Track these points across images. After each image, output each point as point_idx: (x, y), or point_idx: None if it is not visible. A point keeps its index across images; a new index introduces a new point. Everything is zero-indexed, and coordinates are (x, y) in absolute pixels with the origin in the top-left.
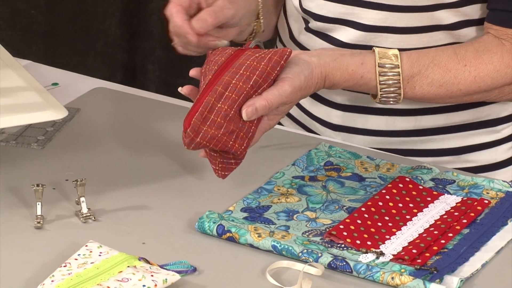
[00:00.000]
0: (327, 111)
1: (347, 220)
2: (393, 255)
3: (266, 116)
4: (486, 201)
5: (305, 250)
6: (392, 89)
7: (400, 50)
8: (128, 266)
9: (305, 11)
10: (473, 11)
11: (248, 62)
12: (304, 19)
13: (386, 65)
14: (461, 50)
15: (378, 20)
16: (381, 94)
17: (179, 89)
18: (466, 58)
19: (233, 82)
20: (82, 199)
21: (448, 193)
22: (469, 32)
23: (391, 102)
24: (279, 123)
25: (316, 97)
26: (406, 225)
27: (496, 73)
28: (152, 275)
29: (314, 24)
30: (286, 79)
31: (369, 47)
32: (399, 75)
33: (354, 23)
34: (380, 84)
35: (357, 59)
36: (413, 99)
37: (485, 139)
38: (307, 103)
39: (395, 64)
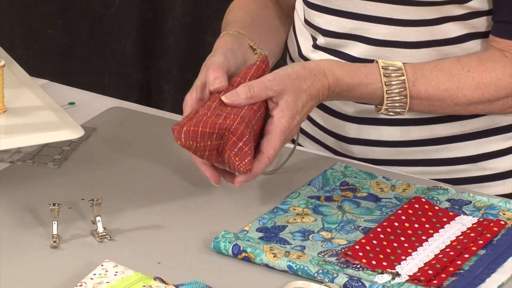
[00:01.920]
0: (341, 124)
1: (363, 241)
2: (409, 275)
3: (276, 116)
4: (503, 222)
5: (321, 271)
6: (397, 90)
7: (411, 63)
8: (144, 286)
9: (313, 26)
10: (481, 24)
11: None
12: (311, 35)
13: (390, 68)
14: (464, 57)
15: (388, 35)
16: (387, 98)
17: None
18: (469, 64)
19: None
20: (98, 218)
21: (464, 214)
22: (478, 45)
23: (397, 109)
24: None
25: (329, 111)
26: (422, 245)
27: (498, 81)
28: None
29: (322, 40)
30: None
31: None
32: (404, 76)
33: (364, 38)
34: (385, 85)
35: (359, 63)
36: (418, 104)
37: (500, 146)
38: (320, 117)
39: (398, 66)
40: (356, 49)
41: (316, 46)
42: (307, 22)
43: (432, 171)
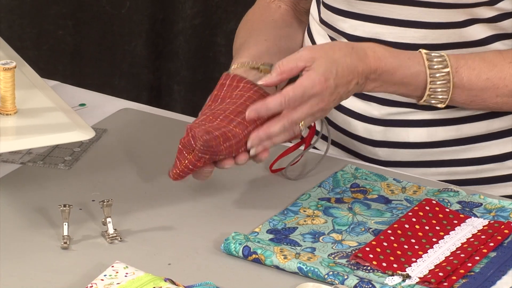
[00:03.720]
0: (367, 127)
1: (373, 243)
2: (420, 278)
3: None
4: None
5: (331, 272)
6: (440, 74)
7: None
8: (154, 287)
9: (336, 31)
10: (508, 25)
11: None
12: (331, 38)
13: (432, 53)
14: (505, 50)
15: (417, 38)
16: (430, 82)
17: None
18: (511, 56)
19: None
20: (108, 219)
21: (475, 216)
22: (505, 45)
23: (439, 95)
24: (316, 148)
25: (355, 115)
26: (432, 248)
27: None
28: None
29: None
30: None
31: None
32: (447, 61)
33: (392, 42)
34: (428, 68)
35: (400, 49)
36: (460, 94)
37: None
38: (344, 122)
39: (440, 54)
40: None
41: None
42: (329, 26)
43: (459, 171)
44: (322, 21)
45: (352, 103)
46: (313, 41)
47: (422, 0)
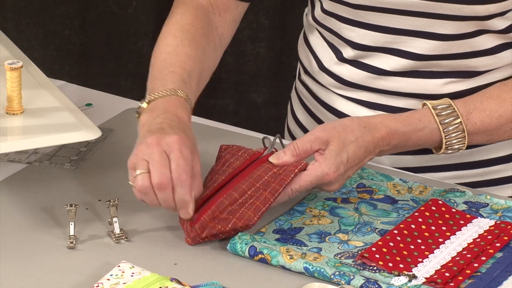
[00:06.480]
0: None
1: (380, 243)
2: (426, 278)
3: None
4: None
5: (337, 272)
6: (453, 127)
7: (452, 72)
8: (160, 287)
9: (342, 39)
10: None
11: (265, 177)
12: (335, 48)
13: (439, 107)
14: (510, 81)
15: (427, 49)
16: (445, 136)
17: None
18: None
19: (248, 193)
20: (114, 219)
21: (481, 216)
22: None
23: (456, 145)
24: None
25: None
26: (439, 248)
27: None
28: None
29: (350, 53)
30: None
31: (417, 73)
32: (456, 111)
33: (400, 51)
34: (441, 124)
35: (410, 111)
36: (476, 138)
37: None
38: None
39: (447, 104)
40: (389, 62)
41: (342, 59)
42: (331, 31)
43: (466, 174)
44: (317, 21)
45: (357, 110)
46: (313, 53)
47: (431, 12)
